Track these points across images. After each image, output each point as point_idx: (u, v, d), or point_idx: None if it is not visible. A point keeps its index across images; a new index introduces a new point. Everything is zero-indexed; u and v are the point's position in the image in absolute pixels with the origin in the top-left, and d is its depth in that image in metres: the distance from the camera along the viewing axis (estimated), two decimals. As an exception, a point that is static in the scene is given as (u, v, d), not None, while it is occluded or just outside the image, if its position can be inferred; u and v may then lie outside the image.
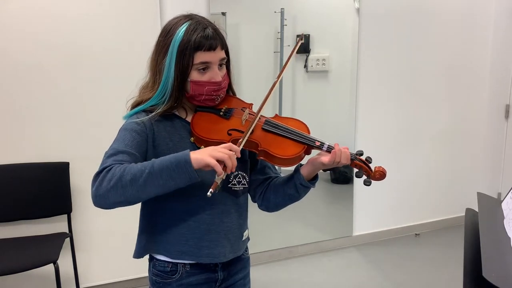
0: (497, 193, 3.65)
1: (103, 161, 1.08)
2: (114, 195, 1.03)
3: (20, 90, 2.45)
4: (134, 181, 1.02)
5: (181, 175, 1.03)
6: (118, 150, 1.10)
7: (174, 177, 1.03)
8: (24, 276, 2.31)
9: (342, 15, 3.35)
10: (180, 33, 1.16)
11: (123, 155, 1.09)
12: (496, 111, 3.65)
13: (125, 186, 1.02)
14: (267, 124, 1.25)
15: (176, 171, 1.03)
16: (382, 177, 1.27)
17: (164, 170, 1.03)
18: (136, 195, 1.04)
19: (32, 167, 2.48)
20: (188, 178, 1.04)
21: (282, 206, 1.34)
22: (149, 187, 1.03)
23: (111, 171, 1.03)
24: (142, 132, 1.16)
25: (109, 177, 1.03)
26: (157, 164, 1.04)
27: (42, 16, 2.42)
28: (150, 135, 1.18)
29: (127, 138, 1.14)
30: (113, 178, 1.02)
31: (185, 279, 1.26)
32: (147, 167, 1.03)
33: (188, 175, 1.03)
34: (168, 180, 1.03)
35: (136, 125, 1.17)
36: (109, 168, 1.04)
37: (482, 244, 1.15)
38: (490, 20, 3.58)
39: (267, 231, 3.25)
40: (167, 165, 1.03)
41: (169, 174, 1.03)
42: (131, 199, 1.05)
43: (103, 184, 1.03)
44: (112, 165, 1.05)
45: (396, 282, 2.92)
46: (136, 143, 1.14)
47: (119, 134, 1.17)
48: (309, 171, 1.26)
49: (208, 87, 1.20)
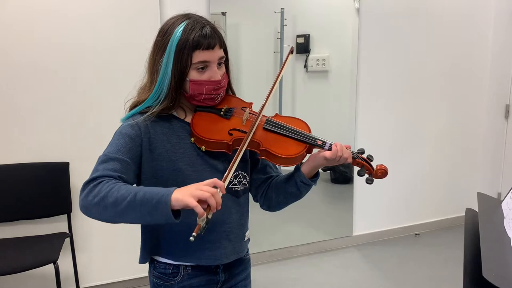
0: (497, 193, 3.65)
1: (95, 168, 1.08)
2: (95, 212, 1.03)
3: (20, 90, 2.45)
4: (114, 206, 1.00)
5: (158, 214, 0.99)
6: (110, 157, 1.10)
7: (152, 213, 1.00)
8: (24, 276, 2.31)
9: (342, 15, 3.35)
10: (178, 33, 1.15)
11: (114, 163, 1.09)
12: (496, 111, 3.65)
13: (106, 207, 1.01)
14: (268, 124, 1.24)
15: (155, 208, 0.99)
16: (384, 175, 1.27)
17: (144, 204, 0.99)
18: (113, 218, 1.04)
19: (32, 167, 2.48)
20: (164, 219, 1.00)
21: (284, 205, 1.34)
22: (127, 216, 1.02)
23: (98, 186, 1.03)
24: (136, 136, 1.15)
25: (95, 192, 1.02)
26: (139, 195, 1.00)
27: (42, 16, 2.42)
28: (145, 139, 1.17)
29: (120, 143, 1.13)
30: (98, 195, 1.02)
31: (186, 281, 1.25)
32: (130, 194, 1.00)
33: (165, 217, 0.99)
34: (145, 215, 1.01)
35: (130, 129, 1.16)
36: (98, 181, 1.04)
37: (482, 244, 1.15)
38: (490, 21, 3.58)
39: (267, 231, 3.25)
40: (148, 200, 0.99)
41: (147, 209, 1.00)
42: (109, 220, 1.05)
43: (88, 197, 1.03)
44: (102, 178, 1.04)
45: (396, 282, 2.92)
46: (129, 149, 1.13)
47: (113, 138, 1.16)
48: (310, 168, 1.25)
49: (208, 86, 1.19)
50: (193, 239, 0.97)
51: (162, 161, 1.18)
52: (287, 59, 1.31)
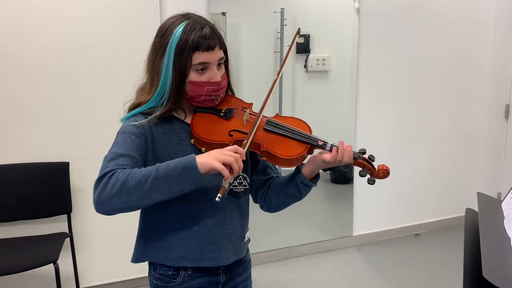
0: (497, 193, 3.65)
1: (103, 166, 1.05)
2: (118, 201, 1.00)
3: (20, 90, 2.45)
4: (139, 187, 0.99)
5: (187, 180, 1.01)
6: (119, 153, 1.08)
7: (180, 182, 1.01)
8: (24, 276, 2.31)
9: (342, 15, 3.35)
10: (177, 34, 1.14)
11: (124, 159, 1.07)
12: (496, 111, 3.65)
13: (129, 192, 0.99)
14: (268, 124, 1.24)
15: (182, 176, 1.01)
16: (386, 175, 1.26)
17: (170, 175, 1.01)
18: (140, 201, 1.02)
19: (32, 167, 2.48)
20: (193, 183, 1.02)
21: (284, 206, 1.33)
22: (154, 193, 1.01)
23: (113, 176, 1.01)
24: (141, 134, 1.14)
25: (112, 182, 1.00)
26: (162, 169, 1.01)
27: (42, 16, 2.42)
28: (149, 138, 1.16)
29: (126, 141, 1.11)
30: (117, 183, 0.99)
31: (187, 283, 1.24)
32: (152, 172, 1.01)
33: (194, 180, 1.02)
34: (173, 186, 1.01)
35: (134, 128, 1.14)
36: (111, 173, 1.02)
37: (482, 244, 1.15)
38: (490, 20, 3.58)
39: (267, 231, 3.25)
40: (173, 170, 1.01)
41: (174, 179, 1.01)
42: (135, 204, 1.03)
43: (106, 190, 1.00)
44: (114, 170, 1.02)
45: (396, 282, 2.92)
46: (136, 145, 1.12)
47: (118, 138, 1.14)
48: (310, 169, 1.25)
49: (208, 87, 1.18)
50: (218, 199, 1.01)
51: (164, 161, 1.17)
52: (295, 39, 1.32)
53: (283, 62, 1.32)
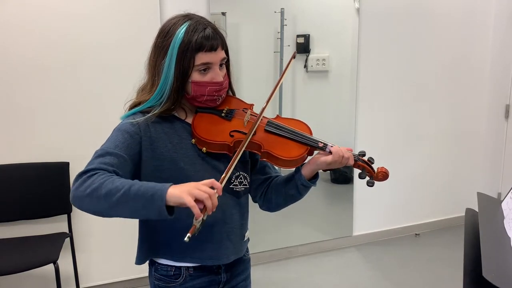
0: (497, 193, 3.65)
1: (90, 161, 1.07)
2: (88, 203, 1.01)
3: (20, 90, 2.45)
4: (108, 197, 0.98)
5: (153, 208, 0.97)
6: (107, 151, 1.08)
7: (146, 207, 0.98)
8: (24, 276, 2.31)
9: (342, 15, 3.35)
10: (180, 34, 1.14)
11: (111, 157, 1.07)
12: (496, 111, 3.65)
13: (99, 199, 0.99)
14: (269, 125, 1.24)
15: (149, 202, 0.97)
16: (385, 177, 1.27)
17: (139, 197, 0.97)
18: (108, 210, 1.00)
19: (32, 167, 2.48)
20: (158, 214, 0.98)
21: (284, 206, 1.34)
22: (121, 208, 0.99)
23: (92, 177, 1.01)
24: (135, 134, 1.14)
25: (88, 183, 1.00)
26: (134, 188, 0.98)
27: (42, 16, 2.42)
28: (145, 138, 1.16)
29: (118, 139, 1.12)
30: (91, 186, 0.99)
31: (189, 282, 1.25)
32: (124, 186, 0.98)
33: (158, 211, 0.97)
34: (139, 208, 0.98)
35: (130, 126, 1.15)
36: (92, 173, 1.02)
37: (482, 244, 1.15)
38: (490, 20, 3.58)
39: (267, 231, 3.25)
40: (143, 193, 0.97)
41: (142, 202, 0.97)
42: (103, 212, 1.02)
43: (81, 188, 1.01)
44: (96, 171, 1.02)
45: (396, 282, 2.92)
46: (127, 145, 1.12)
47: (112, 134, 1.15)
48: (310, 170, 1.25)
49: (210, 87, 1.19)
50: (188, 240, 0.95)
51: (164, 161, 1.17)
52: (289, 64, 1.32)
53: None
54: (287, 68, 1.32)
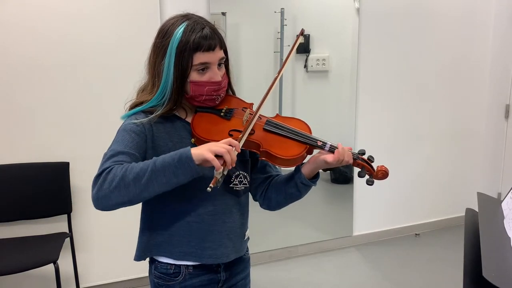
0: (497, 193, 3.65)
1: (102, 163, 1.07)
2: (117, 195, 1.02)
3: (20, 90, 2.45)
4: (137, 180, 1.02)
5: (184, 171, 1.03)
6: (118, 151, 1.09)
7: (177, 173, 1.03)
8: (24, 276, 2.31)
9: (342, 15, 3.35)
10: (178, 34, 1.15)
11: (123, 156, 1.08)
12: (496, 111, 3.65)
13: (128, 186, 1.02)
14: (268, 124, 1.24)
15: (179, 167, 1.03)
16: (385, 176, 1.27)
17: (167, 167, 1.03)
18: (140, 194, 1.04)
19: (32, 167, 2.48)
20: (190, 174, 1.04)
21: (284, 205, 1.34)
22: (152, 185, 1.03)
23: (111, 172, 1.03)
24: (141, 132, 1.16)
25: (110, 178, 1.02)
26: (159, 162, 1.04)
27: (42, 16, 2.42)
28: (149, 136, 1.17)
29: (126, 138, 1.13)
30: (115, 178, 1.02)
31: (188, 281, 1.25)
32: (149, 165, 1.03)
33: (190, 171, 1.04)
34: (171, 177, 1.03)
35: (135, 126, 1.16)
36: (109, 169, 1.04)
37: (482, 244, 1.15)
38: (490, 20, 3.58)
39: (267, 231, 3.25)
40: (169, 162, 1.03)
41: (171, 170, 1.03)
42: (134, 198, 1.04)
43: (104, 185, 1.02)
44: (111, 166, 1.04)
45: (396, 282, 2.92)
46: (136, 143, 1.13)
47: (118, 135, 1.16)
48: (310, 169, 1.25)
49: (208, 87, 1.19)
50: (210, 189, 1.02)
51: None
52: (297, 40, 1.34)
53: (284, 61, 1.32)
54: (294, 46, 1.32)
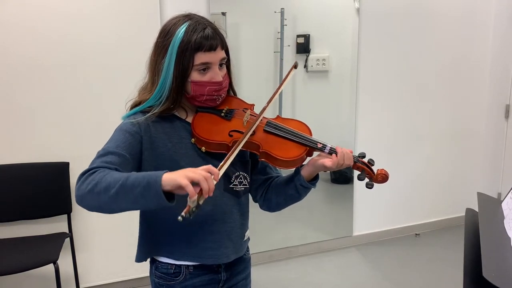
0: (497, 193, 3.65)
1: (92, 161, 1.08)
2: (90, 199, 1.02)
3: (20, 90, 2.45)
4: (107, 190, 0.99)
5: (151, 195, 0.97)
6: (109, 151, 1.10)
7: (144, 195, 0.97)
8: (24, 276, 2.31)
9: (342, 15, 3.35)
10: (179, 34, 1.15)
11: (112, 156, 1.08)
12: (496, 111, 3.65)
13: (99, 193, 1.00)
14: (268, 126, 1.24)
15: (146, 189, 0.97)
16: (385, 180, 1.26)
17: (136, 186, 0.97)
18: (108, 205, 1.01)
19: (32, 167, 2.48)
20: (157, 200, 0.97)
21: (284, 206, 1.34)
22: (120, 200, 0.99)
23: (93, 174, 1.02)
24: (135, 133, 1.15)
25: (89, 180, 1.02)
26: (131, 178, 0.99)
27: (42, 16, 2.42)
28: (145, 137, 1.17)
29: (119, 139, 1.13)
30: (92, 182, 1.01)
31: (189, 281, 1.25)
32: (121, 178, 0.99)
33: (157, 197, 0.96)
34: (138, 198, 0.98)
35: (131, 126, 1.16)
36: (94, 170, 1.04)
37: (482, 244, 1.15)
38: (490, 20, 3.58)
39: (267, 231, 3.25)
40: (140, 181, 0.97)
41: (139, 191, 0.97)
42: (104, 207, 1.02)
43: (82, 185, 1.02)
44: (97, 168, 1.04)
45: (396, 282, 2.92)
46: (128, 144, 1.13)
47: (113, 134, 1.16)
48: (309, 172, 1.26)
49: (209, 87, 1.19)
50: (181, 219, 0.94)
51: (165, 160, 1.18)
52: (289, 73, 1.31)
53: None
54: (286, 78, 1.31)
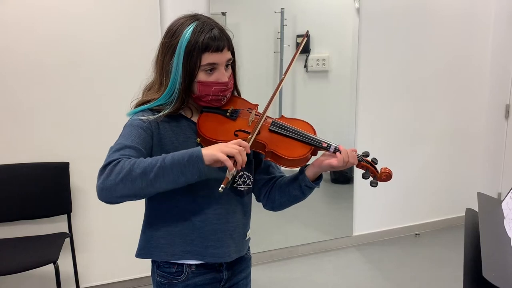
0: (497, 193, 3.65)
1: (108, 155, 1.07)
2: (122, 188, 1.02)
3: (20, 89, 2.45)
4: (144, 175, 1.01)
5: (192, 170, 1.03)
6: (125, 145, 1.10)
7: (185, 172, 1.03)
8: (24, 276, 2.31)
9: (342, 15, 3.34)
10: (187, 34, 1.16)
11: (130, 150, 1.09)
12: (496, 111, 3.65)
13: (135, 180, 1.01)
14: (274, 125, 1.25)
15: (188, 166, 1.03)
16: (389, 178, 1.28)
17: (175, 165, 1.03)
18: (145, 189, 1.03)
19: (32, 167, 2.48)
20: (197, 174, 1.04)
21: (287, 205, 1.35)
22: (159, 182, 1.03)
23: (119, 164, 1.03)
24: (147, 128, 1.16)
25: (117, 170, 1.02)
26: (168, 159, 1.04)
27: (42, 16, 2.42)
28: (155, 134, 1.18)
29: (133, 133, 1.14)
30: (122, 171, 1.01)
31: (191, 280, 1.26)
32: (158, 161, 1.03)
33: (198, 171, 1.04)
34: (178, 175, 1.03)
35: (142, 122, 1.17)
36: (117, 161, 1.04)
37: (482, 244, 1.15)
38: (490, 20, 3.58)
39: (267, 231, 3.25)
40: (178, 160, 1.03)
41: (180, 169, 1.03)
42: (140, 193, 1.04)
43: (110, 177, 1.02)
44: (119, 159, 1.04)
45: (396, 282, 2.92)
46: (143, 139, 1.14)
47: (125, 130, 1.16)
48: (314, 172, 1.27)
49: (215, 87, 1.20)
50: (221, 190, 1.03)
51: None
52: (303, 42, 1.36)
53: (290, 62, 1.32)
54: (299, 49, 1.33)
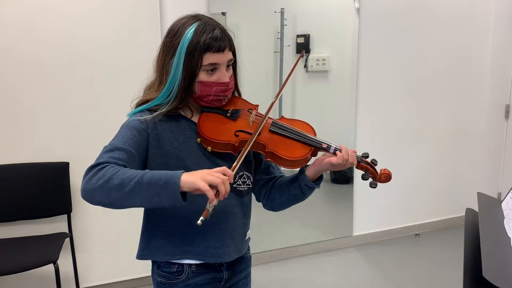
0: (497, 193, 3.65)
1: (99, 156, 1.08)
2: (99, 195, 1.02)
3: (20, 89, 2.45)
4: (121, 187, 0.99)
5: (167, 194, 0.99)
6: (116, 146, 1.10)
7: (160, 194, 0.99)
8: (24, 276, 2.31)
9: (342, 15, 3.35)
10: (188, 34, 1.16)
11: (120, 152, 1.09)
12: (496, 111, 3.65)
13: (111, 190, 1.00)
14: (274, 126, 1.26)
15: (163, 189, 0.99)
16: (388, 179, 1.28)
17: (152, 185, 0.99)
18: (121, 201, 1.02)
19: (32, 167, 2.48)
20: (173, 200, 1.00)
21: (287, 206, 1.35)
22: (134, 197, 1.00)
23: (103, 170, 1.02)
24: (142, 130, 1.16)
25: (99, 175, 1.02)
26: (147, 177, 1.00)
27: (42, 16, 2.42)
28: (152, 135, 1.18)
29: (127, 135, 1.14)
30: (102, 178, 1.01)
31: (191, 280, 1.26)
32: (136, 176, 1.00)
33: (174, 197, 0.99)
34: (153, 196, 1.00)
35: (138, 123, 1.17)
36: (102, 166, 1.03)
37: (482, 244, 1.15)
38: (490, 20, 3.58)
39: (267, 231, 3.25)
40: (156, 181, 0.99)
41: (155, 190, 0.99)
42: (116, 203, 1.03)
43: (92, 180, 1.02)
44: (106, 163, 1.04)
45: (396, 282, 2.92)
46: (136, 141, 1.14)
47: (120, 131, 1.17)
48: (314, 172, 1.27)
49: (216, 87, 1.20)
50: (200, 223, 0.98)
51: (170, 158, 1.19)
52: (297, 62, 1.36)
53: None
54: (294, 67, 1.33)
